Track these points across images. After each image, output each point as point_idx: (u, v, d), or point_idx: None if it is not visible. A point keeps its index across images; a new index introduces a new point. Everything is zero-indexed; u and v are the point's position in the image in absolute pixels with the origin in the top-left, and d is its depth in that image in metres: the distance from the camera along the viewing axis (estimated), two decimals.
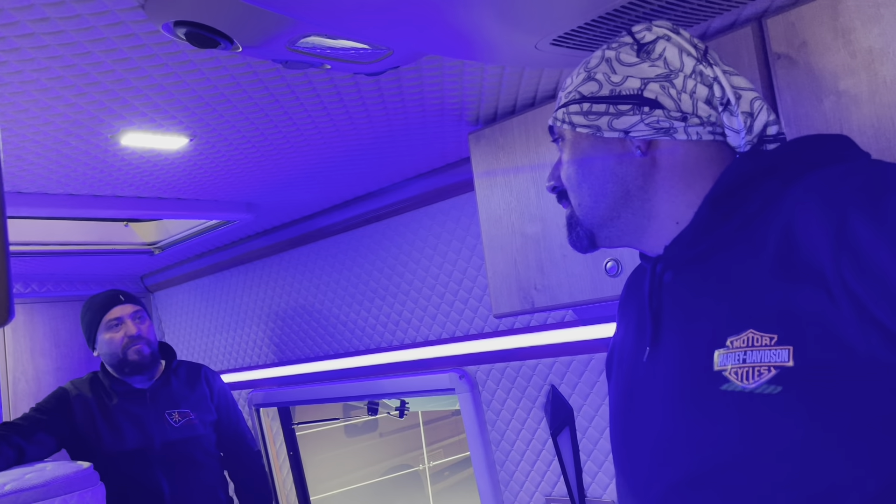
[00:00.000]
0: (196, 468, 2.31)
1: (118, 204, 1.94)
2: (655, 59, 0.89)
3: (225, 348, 3.07)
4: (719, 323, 0.78)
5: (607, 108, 0.90)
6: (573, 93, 0.94)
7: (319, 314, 2.60)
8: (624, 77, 0.89)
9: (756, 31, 1.18)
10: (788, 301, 0.71)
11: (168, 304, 3.35)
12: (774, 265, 0.74)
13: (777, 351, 0.71)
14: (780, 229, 0.75)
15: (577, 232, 0.97)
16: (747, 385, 0.72)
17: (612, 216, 0.93)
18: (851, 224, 0.68)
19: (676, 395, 0.81)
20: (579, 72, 0.95)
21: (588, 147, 0.93)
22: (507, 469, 2.06)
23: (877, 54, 1.06)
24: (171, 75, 1.20)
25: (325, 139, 1.66)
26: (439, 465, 8.99)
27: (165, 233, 2.66)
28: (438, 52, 1.10)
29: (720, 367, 0.75)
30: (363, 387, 2.43)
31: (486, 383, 2.08)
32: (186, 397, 2.37)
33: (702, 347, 0.79)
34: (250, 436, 2.54)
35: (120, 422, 2.25)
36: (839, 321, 0.68)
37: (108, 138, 1.45)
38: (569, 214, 0.98)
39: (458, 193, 2.09)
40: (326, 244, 2.55)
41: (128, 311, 2.30)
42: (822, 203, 0.71)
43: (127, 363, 2.27)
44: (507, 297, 1.60)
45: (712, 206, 0.84)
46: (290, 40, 1.01)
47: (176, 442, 2.28)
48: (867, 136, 1.07)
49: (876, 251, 0.66)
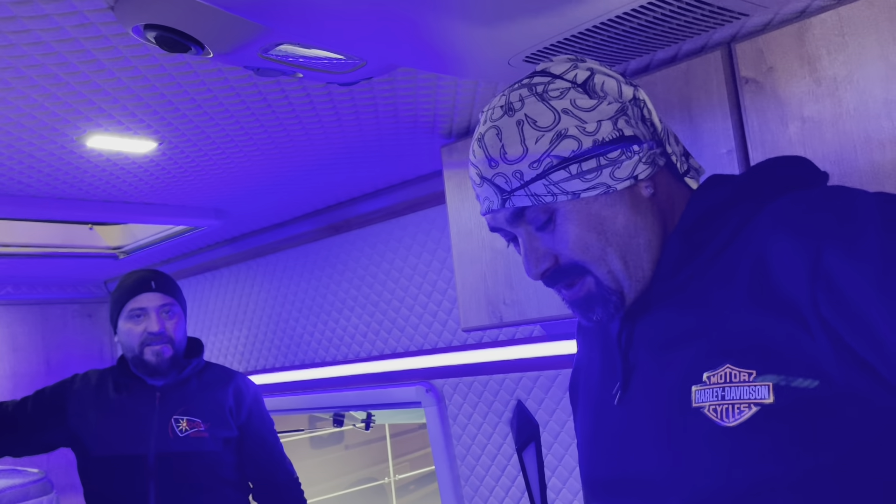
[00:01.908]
0: (195, 492, 1.90)
1: (83, 207, 1.91)
2: (603, 96, 0.83)
3: None
4: (695, 358, 0.75)
5: (598, 162, 0.80)
6: (546, 159, 0.80)
7: (287, 324, 2.58)
8: (597, 123, 0.81)
9: (725, 55, 1.20)
10: (765, 335, 0.70)
11: None
12: (749, 297, 0.72)
13: (756, 387, 0.69)
14: (752, 260, 0.74)
15: (609, 302, 0.83)
16: (727, 422, 0.70)
17: (644, 270, 0.83)
18: (826, 258, 0.67)
19: (655, 434, 0.79)
20: (523, 136, 0.81)
21: (602, 209, 0.82)
22: (472, 484, 2.05)
23: (841, 82, 1.08)
24: (140, 78, 1.18)
25: (296, 147, 1.65)
26: (405, 478, 8.92)
27: (131, 237, 2.62)
28: (412, 64, 1.10)
29: (698, 404, 0.73)
30: (329, 398, 2.41)
31: (452, 397, 2.07)
32: (203, 404, 1.96)
33: (678, 384, 0.76)
34: (288, 462, 2.10)
35: (115, 422, 1.92)
36: (817, 355, 0.67)
37: (74, 140, 1.43)
38: (589, 290, 0.84)
39: (429, 206, 2.09)
40: (295, 253, 2.53)
41: (156, 303, 1.93)
42: (794, 235, 0.71)
43: (142, 363, 1.92)
44: (476, 312, 1.60)
45: (682, 240, 0.81)
46: (262, 48, 1.01)
47: (175, 455, 1.89)
48: (830, 162, 1.09)
49: (853, 286, 0.66)
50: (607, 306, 0.83)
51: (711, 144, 1.21)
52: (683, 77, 1.24)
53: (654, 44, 1.12)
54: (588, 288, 0.83)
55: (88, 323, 3.23)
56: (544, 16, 0.97)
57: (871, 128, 1.06)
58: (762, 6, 1.02)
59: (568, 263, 0.83)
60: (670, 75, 1.26)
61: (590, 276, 0.83)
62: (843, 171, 1.08)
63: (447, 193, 1.66)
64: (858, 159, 1.07)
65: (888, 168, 1.04)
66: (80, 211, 1.91)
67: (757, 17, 1.13)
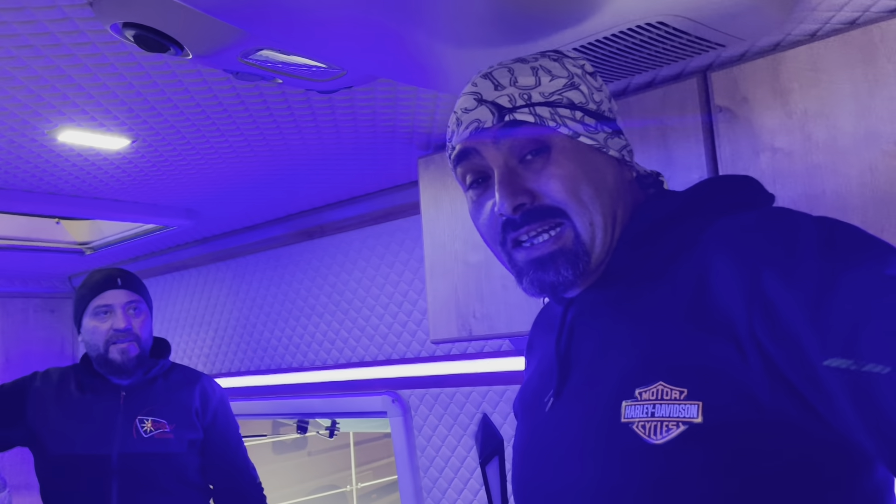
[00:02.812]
0: (158, 494, 1.86)
1: (51, 201, 1.87)
2: (600, 88, 0.86)
3: None
4: (629, 372, 0.74)
5: (598, 125, 0.82)
6: (556, 95, 0.80)
7: (254, 328, 2.55)
8: (602, 98, 0.84)
9: (701, 83, 1.23)
10: (700, 354, 0.70)
11: None
12: (688, 315, 0.72)
13: (686, 406, 0.69)
14: (694, 278, 0.73)
15: (577, 262, 0.79)
16: (655, 440, 0.70)
17: (609, 243, 0.81)
18: (764, 281, 0.67)
19: (582, 446, 0.78)
20: (537, 76, 0.82)
21: (597, 161, 0.81)
22: (434, 496, 2.05)
23: (811, 116, 1.11)
24: (116, 76, 1.16)
25: (272, 151, 1.64)
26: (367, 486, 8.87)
27: (99, 233, 2.57)
28: (392, 76, 1.10)
29: (627, 420, 0.72)
30: (294, 405, 2.39)
31: (418, 408, 2.07)
32: (168, 405, 1.93)
33: (609, 397, 0.75)
34: (251, 467, 2.08)
35: (77, 420, 1.87)
36: (749, 378, 0.67)
37: (45, 133, 1.40)
38: (565, 241, 0.79)
39: (403, 216, 2.09)
40: (266, 257, 2.50)
41: (122, 300, 1.90)
42: (735, 255, 0.70)
43: (107, 361, 1.88)
44: (446, 324, 1.60)
45: (629, 248, 0.81)
46: (242, 52, 1.00)
47: (138, 456, 1.85)
48: (797, 193, 1.11)
49: (787, 312, 0.65)
50: (574, 266, 0.79)
51: (684, 169, 1.23)
52: (660, 102, 1.26)
53: (631, 69, 1.14)
54: (565, 240, 0.79)
55: (51, 318, 3.16)
56: (525, 42, 0.98)
57: (839, 162, 1.08)
58: (737, 38, 1.05)
59: (550, 203, 0.79)
60: (647, 99, 1.28)
61: (569, 225, 0.79)
62: (811, 203, 1.10)
63: (422, 204, 1.66)
64: (826, 192, 1.09)
65: (854, 201, 1.07)
66: (47, 205, 1.88)
67: (732, 48, 1.16)
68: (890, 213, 1.04)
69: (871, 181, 1.06)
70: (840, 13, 1.07)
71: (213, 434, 1.99)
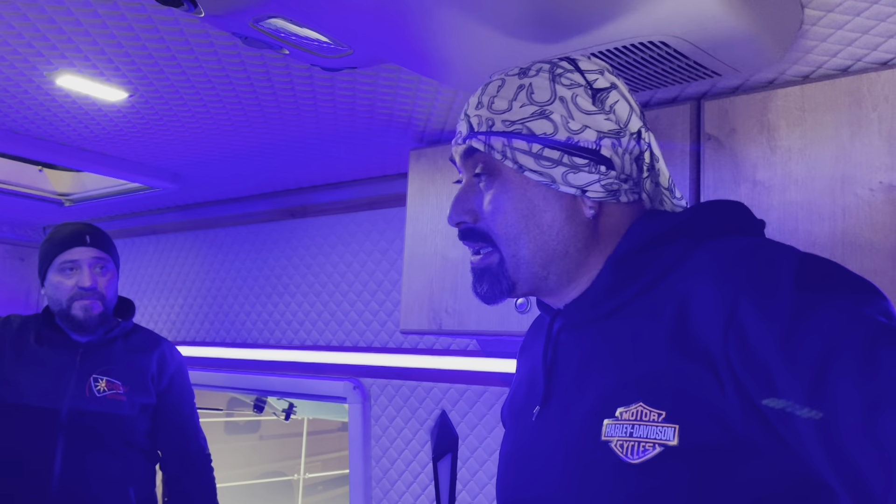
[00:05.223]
0: (104, 454, 1.85)
1: (38, 146, 1.86)
2: (608, 111, 0.83)
3: None
4: (611, 390, 0.76)
5: (561, 158, 0.82)
6: (518, 125, 0.83)
7: (224, 300, 2.55)
8: (582, 126, 0.82)
9: (694, 110, 1.26)
10: (679, 378, 0.71)
11: None
12: (670, 338, 0.73)
13: (663, 428, 0.71)
14: (677, 301, 0.75)
15: (499, 284, 0.86)
16: (631, 459, 0.72)
17: (543, 275, 0.85)
18: (741, 310, 0.68)
19: (562, 459, 0.80)
20: (516, 98, 0.84)
21: (537, 197, 0.84)
22: (383, 486, 2.06)
23: (794, 153, 1.15)
24: (125, 25, 1.17)
25: (267, 124, 1.65)
26: (315, 478, 8.82)
27: (81, 186, 2.55)
28: (398, 61, 1.12)
29: (607, 438, 0.74)
30: (254, 380, 2.38)
31: (379, 398, 2.08)
32: (125, 367, 1.92)
33: (591, 414, 0.77)
34: (202, 437, 2.07)
35: (30, 371, 1.86)
36: (723, 404, 0.68)
37: (44, 75, 1.40)
38: (490, 263, 0.86)
39: (388, 206, 2.10)
40: (246, 231, 2.51)
41: (88, 256, 1.88)
42: (716, 282, 0.72)
43: (69, 317, 1.87)
44: (417, 315, 1.62)
45: (615, 268, 0.82)
46: (254, 17, 1.01)
47: (88, 414, 1.84)
48: (771, 227, 1.15)
49: (760, 342, 0.66)
50: (494, 286, 0.86)
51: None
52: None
53: (630, 86, 1.17)
54: (490, 262, 0.86)
55: (19, 266, 3.12)
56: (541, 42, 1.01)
57: (814, 200, 1.12)
58: (733, 69, 1.08)
59: (483, 228, 0.86)
60: None
61: (497, 252, 0.86)
62: (783, 239, 1.14)
63: (409, 196, 1.68)
64: (798, 229, 1.13)
65: (823, 241, 1.11)
66: (33, 149, 1.87)
67: (729, 79, 1.19)
68: (857, 257, 1.08)
69: (843, 224, 1.10)
70: (834, 59, 1.12)
71: (166, 400, 1.98)
